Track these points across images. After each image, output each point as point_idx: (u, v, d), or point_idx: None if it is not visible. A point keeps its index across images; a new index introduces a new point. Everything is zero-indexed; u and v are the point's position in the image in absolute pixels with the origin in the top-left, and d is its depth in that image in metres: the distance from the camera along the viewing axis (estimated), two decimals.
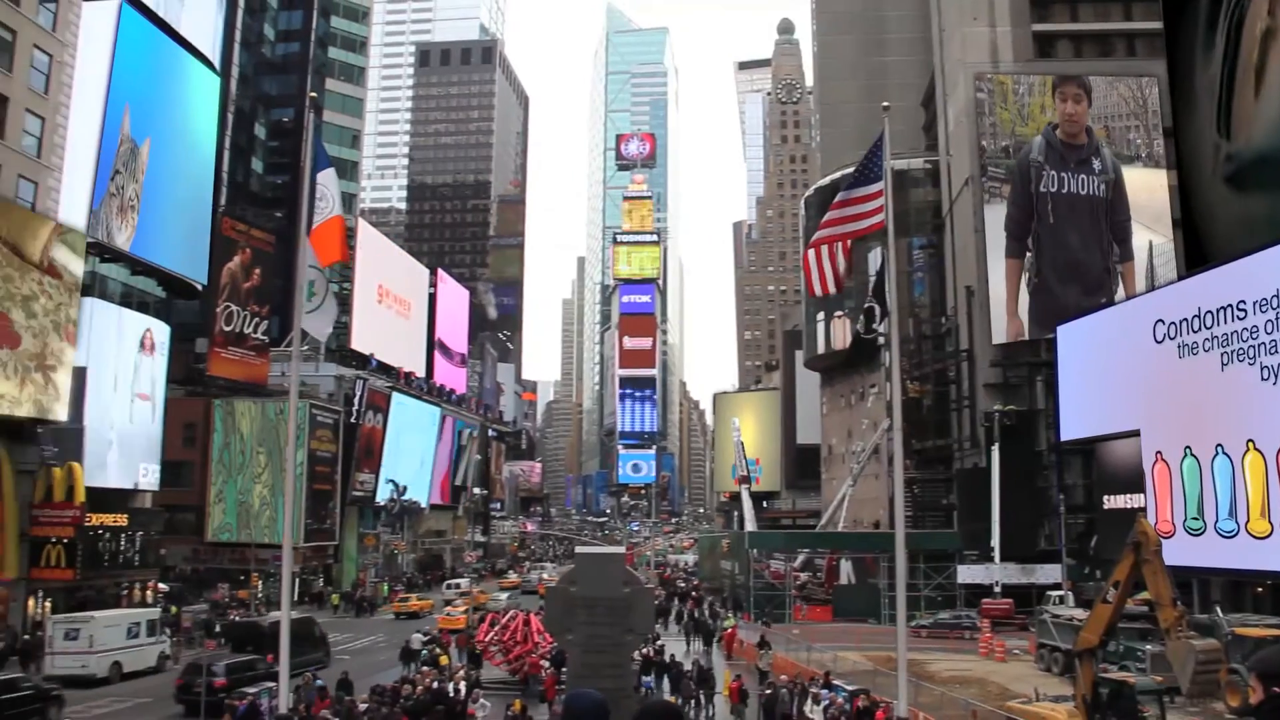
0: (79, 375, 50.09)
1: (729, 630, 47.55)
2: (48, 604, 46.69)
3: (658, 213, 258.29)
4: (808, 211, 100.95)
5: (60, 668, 36.66)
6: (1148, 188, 71.52)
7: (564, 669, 28.22)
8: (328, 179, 23.31)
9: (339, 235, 23.51)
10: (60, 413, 47.79)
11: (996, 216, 71.69)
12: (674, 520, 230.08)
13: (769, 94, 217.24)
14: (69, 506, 47.02)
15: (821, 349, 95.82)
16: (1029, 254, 70.66)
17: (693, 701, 30.56)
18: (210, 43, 70.67)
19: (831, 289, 21.12)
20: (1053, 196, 70.95)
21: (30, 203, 47.90)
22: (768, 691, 28.49)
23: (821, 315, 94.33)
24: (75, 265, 48.28)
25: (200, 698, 28.37)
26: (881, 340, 58.97)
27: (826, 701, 25.90)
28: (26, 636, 42.64)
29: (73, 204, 52.87)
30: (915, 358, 78.81)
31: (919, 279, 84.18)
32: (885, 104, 22.89)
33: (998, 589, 57.26)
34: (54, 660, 37.87)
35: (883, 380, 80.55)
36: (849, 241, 20.65)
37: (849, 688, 27.88)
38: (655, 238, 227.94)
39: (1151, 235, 70.23)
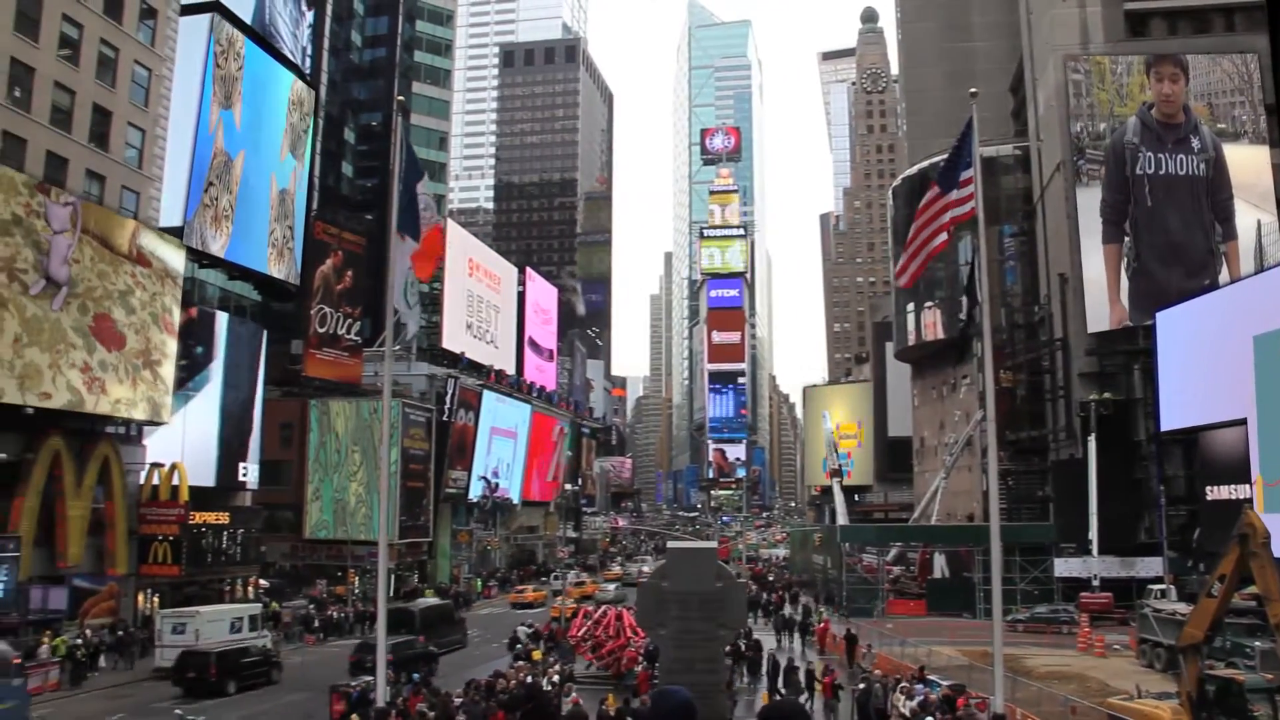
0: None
1: (821, 624, 47.34)
2: (156, 599, 48.21)
3: (744, 206, 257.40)
4: (896, 201, 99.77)
5: (168, 660, 37.76)
6: (1254, 165, 69.45)
7: (657, 665, 28.29)
8: (421, 188, 23.73)
9: (436, 247, 23.94)
10: (165, 414, 49.37)
11: (1090, 201, 70.20)
12: (765, 514, 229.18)
13: (854, 84, 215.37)
14: (173, 505, 48.44)
15: (912, 340, 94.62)
16: (1127, 239, 69.10)
17: (807, 698, 30.39)
18: (294, 48, 72.11)
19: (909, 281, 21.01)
20: (1150, 179, 69.26)
21: (133, 212, 49.36)
22: (861, 686, 28.25)
23: (911, 306, 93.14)
24: (163, 252, 50.13)
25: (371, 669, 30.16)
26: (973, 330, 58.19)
27: (921, 697, 25.60)
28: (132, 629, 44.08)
29: (172, 213, 54.35)
30: (1008, 347, 77.46)
31: (1010, 267, 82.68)
32: (972, 90, 22.57)
33: (1096, 582, 56.11)
34: (162, 653, 39.07)
35: (975, 371, 79.34)
36: (946, 232, 20.47)
37: (944, 683, 27.55)
38: (742, 232, 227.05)
39: (1260, 214, 68.21)
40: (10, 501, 41.45)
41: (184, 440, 53.40)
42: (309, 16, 73.80)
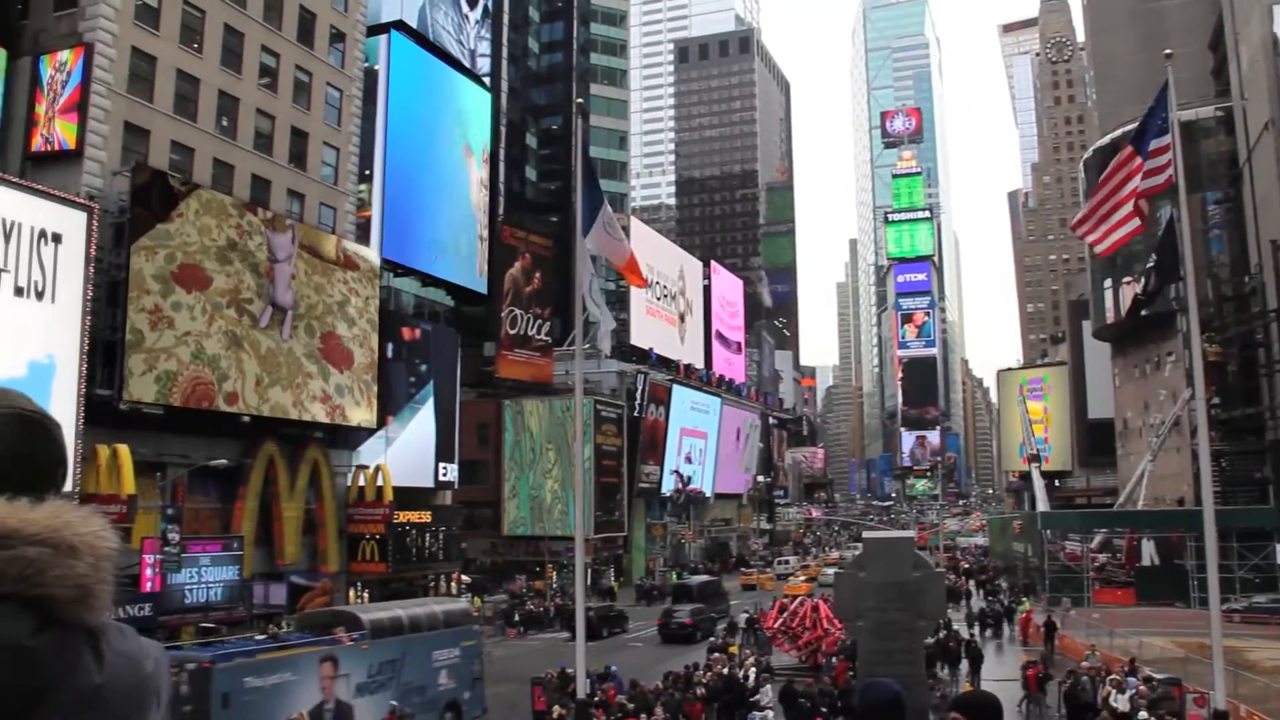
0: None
1: (1024, 614, 46.03)
2: (365, 594, 50.40)
3: (928, 188, 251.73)
4: (1088, 174, 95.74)
5: None
6: None
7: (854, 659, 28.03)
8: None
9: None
10: (373, 419, 51.97)
11: None
12: (961, 502, 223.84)
13: (1037, 55, 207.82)
14: (379, 505, 50.55)
15: (1110, 317, 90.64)
16: None
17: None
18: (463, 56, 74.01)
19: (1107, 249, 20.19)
20: None
21: (331, 226, 51.86)
22: (1068, 680, 27.33)
23: (1109, 282, 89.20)
24: (367, 253, 53.13)
25: (674, 633, 46.88)
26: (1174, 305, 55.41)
27: (1133, 690, 24.58)
28: None
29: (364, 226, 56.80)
30: (1216, 320, 73.41)
31: (1215, 236, 78.32)
32: (1167, 51, 21.53)
33: None
34: None
35: (1180, 347, 75.53)
36: (1144, 201, 19.62)
37: (1158, 676, 26.40)
38: (927, 214, 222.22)
39: None
40: (233, 504, 44.33)
41: (391, 442, 55.95)
42: (474, 16, 75.43)
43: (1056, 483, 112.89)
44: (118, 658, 1.60)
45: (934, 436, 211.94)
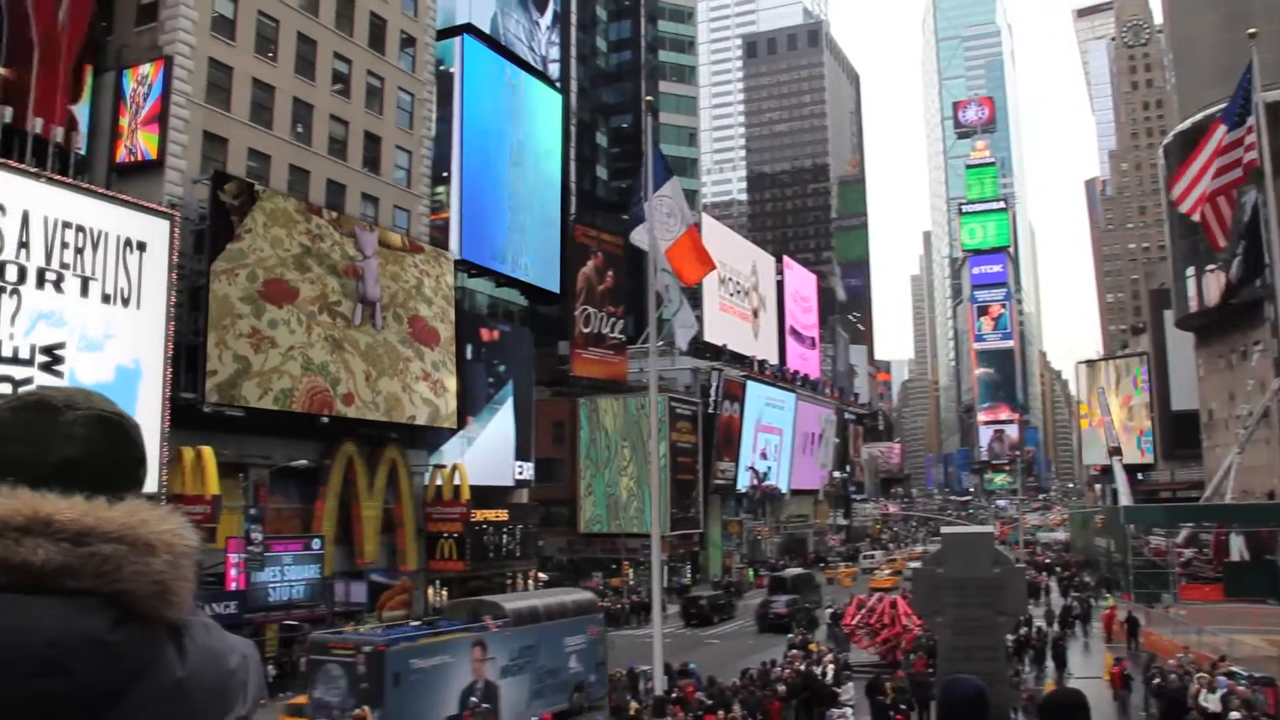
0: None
1: (1108, 611, 45.18)
2: (444, 592, 50.98)
3: (1003, 178, 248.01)
4: (1168, 160, 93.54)
5: None
6: None
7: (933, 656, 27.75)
8: (673, 190, 24.10)
9: (695, 250, 24.31)
10: (452, 419, 52.57)
11: None
12: (1041, 496, 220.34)
13: (1113, 39, 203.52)
14: (456, 504, 51.07)
15: (1194, 306, 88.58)
16: None
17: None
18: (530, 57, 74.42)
19: (1222, 242, 19.76)
20: None
21: (405, 229, 52.56)
22: (1155, 677, 26.73)
23: (1192, 270, 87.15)
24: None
25: (771, 623, 49.24)
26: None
27: (1224, 690, 23.93)
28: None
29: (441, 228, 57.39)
30: None
31: None
32: (1251, 30, 21.03)
33: None
34: None
35: (1268, 335, 73.62)
36: (1233, 190, 19.21)
37: (1255, 675, 25.71)
38: (1002, 205, 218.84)
39: None
40: (313, 504, 45.10)
41: (471, 442, 56.61)
42: (544, 21, 75.79)
43: (1139, 476, 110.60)
44: (200, 652, 1.63)
45: (1012, 430, 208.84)
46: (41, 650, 1.45)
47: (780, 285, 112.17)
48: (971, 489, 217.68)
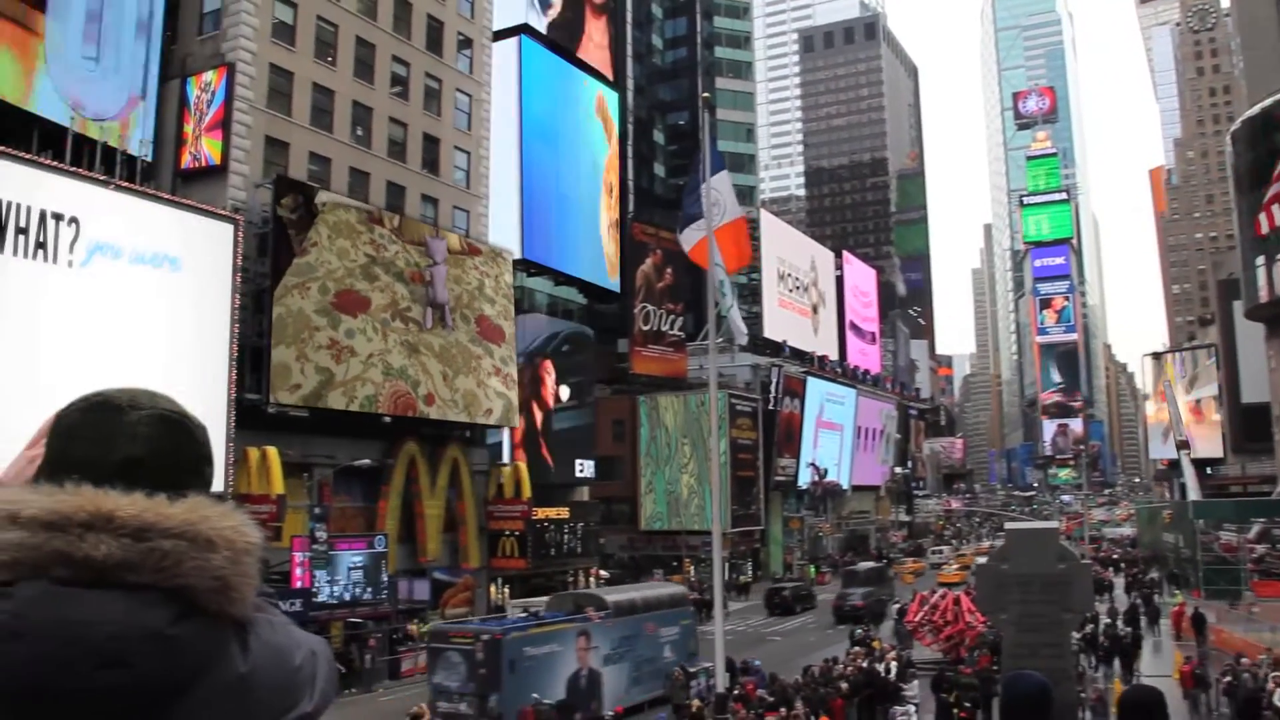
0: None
1: (1176, 607, 44.41)
2: (506, 589, 51.31)
3: (1065, 169, 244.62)
4: (1236, 146, 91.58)
5: None
6: None
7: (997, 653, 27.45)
8: (720, 182, 24.04)
9: (736, 239, 24.24)
10: (514, 417, 52.91)
11: None
12: (1107, 491, 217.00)
13: (1177, 24, 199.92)
14: (517, 502, 51.34)
15: (1264, 296, 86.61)
16: None
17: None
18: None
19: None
20: None
21: (465, 229, 52.93)
22: (1228, 678, 26.18)
23: (1261, 260, 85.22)
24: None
25: (847, 614, 48.79)
26: None
27: None
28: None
29: (497, 228, 57.62)
30: None
31: None
32: None
33: None
34: None
35: None
36: None
37: None
38: (1064, 196, 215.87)
39: None
40: (376, 503, 45.58)
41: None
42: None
43: (1208, 470, 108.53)
44: (264, 648, 1.67)
45: (1077, 424, 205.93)
46: (103, 643, 1.49)
47: (840, 280, 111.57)
48: (1035, 484, 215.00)
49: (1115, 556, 76.64)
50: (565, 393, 62.34)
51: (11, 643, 1.47)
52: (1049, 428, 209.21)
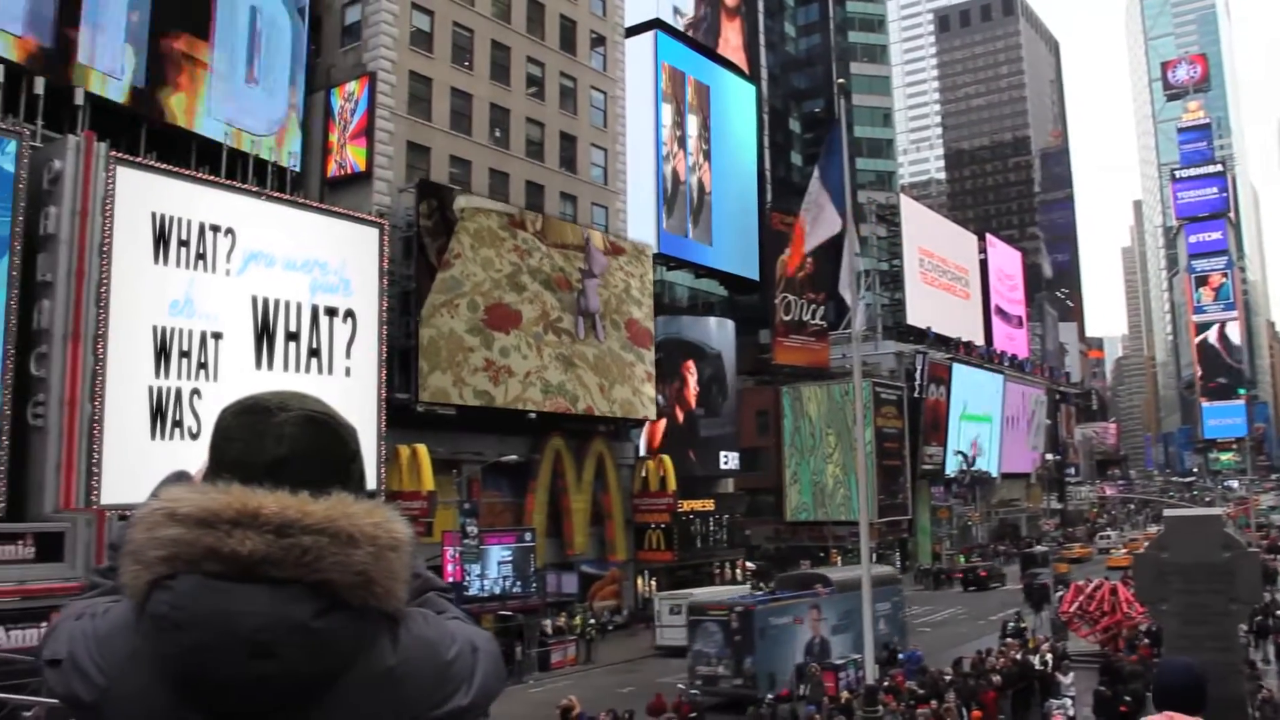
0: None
1: None
2: (653, 582, 51.66)
3: (1220, 139, 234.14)
4: None
5: (668, 639, 40.45)
6: None
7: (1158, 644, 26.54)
8: (815, 184, 23.96)
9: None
10: (652, 411, 53.24)
11: None
12: (1274, 476, 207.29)
13: None
14: (663, 495, 51.62)
15: None
16: None
17: None
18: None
19: None
20: None
21: (604, 225, 53.45)
22: None
23: None
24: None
25: (1037, 590, 47.21)
26: None
27: None
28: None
29: (634, 222, 57.98)
30: None
31: None
32: None
33: None
34: (662, 633, 41.88)
35: None
36: None
37: None
38: (1220, 167, 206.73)
39: None
40: (524, 498, 46.37)
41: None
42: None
43: None
44: (415, 642, 1.73)
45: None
46: (250, 635, 1.57)
47: (984, 264, 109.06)
48: (1195, 469, 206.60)
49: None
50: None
51: (173, 632, 1.59)
52: (1210, 411, 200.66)
